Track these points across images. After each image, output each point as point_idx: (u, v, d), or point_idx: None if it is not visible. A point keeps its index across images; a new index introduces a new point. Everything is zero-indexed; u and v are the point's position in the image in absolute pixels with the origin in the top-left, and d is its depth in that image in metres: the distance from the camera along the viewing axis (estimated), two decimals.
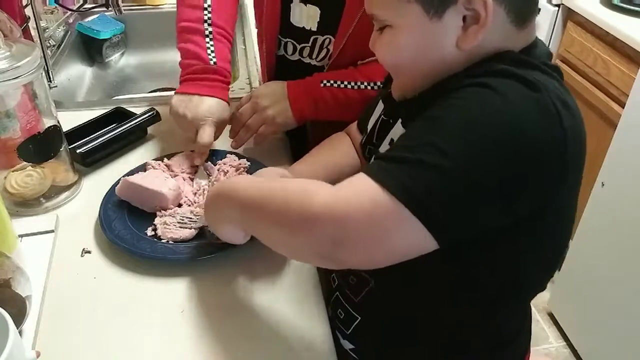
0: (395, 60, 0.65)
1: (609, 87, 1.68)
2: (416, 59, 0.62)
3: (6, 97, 0.83)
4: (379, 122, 0.76)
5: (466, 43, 0.59)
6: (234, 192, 0.68)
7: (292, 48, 1.05)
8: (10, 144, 0.86)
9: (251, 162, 0.97)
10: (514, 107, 0.53)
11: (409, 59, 0.63)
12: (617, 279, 1.51)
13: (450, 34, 0.59)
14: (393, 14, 0.61)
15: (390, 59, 0.65)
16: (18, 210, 0.89)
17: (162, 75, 1.66)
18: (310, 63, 1.05)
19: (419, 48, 0.61)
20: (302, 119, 0.99)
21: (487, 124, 0.53)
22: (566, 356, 1.78)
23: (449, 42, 0.59)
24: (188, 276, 0.79)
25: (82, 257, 0.82)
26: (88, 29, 1.64)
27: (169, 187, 0.87)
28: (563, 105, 0.56)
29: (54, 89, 1.36)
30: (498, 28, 0.58)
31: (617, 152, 1.51)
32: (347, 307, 0.77)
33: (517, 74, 0.55)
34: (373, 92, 0.96)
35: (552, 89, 0.56)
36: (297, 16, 1.00)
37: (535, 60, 0.60)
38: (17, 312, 0.64)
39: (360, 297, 0.74)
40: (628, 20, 1.65)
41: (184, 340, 0.70)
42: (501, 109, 0.53)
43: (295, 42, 1.04)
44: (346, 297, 0.77)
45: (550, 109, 0.54)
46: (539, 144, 0.54)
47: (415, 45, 0.61)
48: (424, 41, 0.60)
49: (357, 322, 0.76)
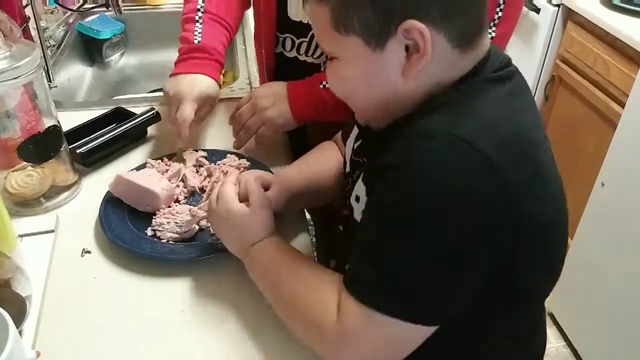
0: (344, 91, 0.67)
1: (609, 87, 1.68)
2: (365, 89, 0.63)
3: (6, 97, 0.83)
4: (352, 153, 0.77)
5: (410, 72, 0.59)
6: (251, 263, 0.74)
7: (291, 43, 1.05)
8: (10, 144, 0.86)
9: (251, 162, 0.97)
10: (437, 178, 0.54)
11: (358, 90, 0.64)
12: (617, 278, 1.51)
13: (394, 64, 0.60)
14: (336, 47, 0.62)
15: (340, 90, 0.67)
16: (18, 210, 0.89)
17: (162, 75, 1.64)
18: (307, 61, 1.05)
19: (366, 79, 0.62)
20: (302, 120, 0.99)
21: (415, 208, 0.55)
22: (566, 356, 1.77)
23: (394, 72, 0.60)
24: (188, 276, 0.79)
25: (82, 257, 0.82)
26: (88, 29, 1.64)
27: (162, 187, 0.87)
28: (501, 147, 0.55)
29: (54, 89, 1.36)
30: (441, 54, 0.59)
31: (617, 152, 1.51)
32: None
33: (436, 132, 0.56)
34: None
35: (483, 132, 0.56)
36: (294, 9, 1.00)
37: (483, 75, 0.61)
38: (17, 312, 0.64)
39: None
40: (628, 20, 1.65)
41: (184, 340, 0.70)
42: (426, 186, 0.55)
43: (293, 37, 1.04)
44: None
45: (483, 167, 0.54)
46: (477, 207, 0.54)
47: (362, 77, 0.62)
48: (369, 72, 0.61)
49: None
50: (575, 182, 1.78)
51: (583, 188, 1.67)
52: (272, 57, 1.08)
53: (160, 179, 0.89)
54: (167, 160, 0.97)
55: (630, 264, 1.46)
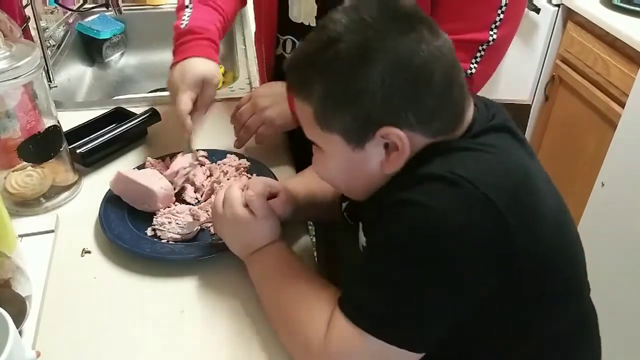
0: (327, 179, 0.72)
1: (609, 87, 1.68)
2: (346, 179, 0.69)
3: (6, 97, 0.83)
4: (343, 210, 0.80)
5: (389, 168, 0.63)
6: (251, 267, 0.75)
7: (292, 45, 1.05)
8: (10, 144, 0.86)
9: (251, 162, 0.97)
10: (436, 214, 0.56)
11: (340, 179, 0.70)
12: (617, 278, 1.51)
13: (374, 161, 0.63)
14: (319, 140, 0.66)
15: (324, 176, 0.71)
16: (18, 210, 0.89)
17: (162, 75, 1.64)
18: None
19: (346, 171, 0.67)
20: None
21: (417, 243, 0.57)
22: None
23: (373, 167, 0.64)
24: (188, 276, 0.79)
25: (82, 257, 0.82)
26: (88, 29, 1.64)
27: (160, 186, 0.86)
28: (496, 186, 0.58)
29: (54, 89, 1.36)
30: (420, 145, 0.62)
31: (617, 152, 1.51)
32: None
33: (434, 174, 0.58)
34: None
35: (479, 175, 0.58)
36: (296, 11, 1.00)
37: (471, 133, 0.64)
38: (17, 312, 0.64)
39: None
40: (628, 20, 1.65)
41: (184, 340, 0.70)
42: (426, 222, 0.57)
43: (294, 39, 1.04)
44: None
45: (485, 205, 0.56)
46: (473, 240, 0.56)
47: (343, 169, 0.67)
48: (350, 167, 0.65)
49: None
50: (575, 182, 1.78)
51: (583, 188, 1.67)
52: (273, 58, 1.08)
53: (160, 178, 0.88)
54: (169, 160, 0.97)
55: (630, 264, 1.46)
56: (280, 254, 0.75)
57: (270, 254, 0.75)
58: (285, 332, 0.68)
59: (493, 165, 0.61)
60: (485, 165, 0.60)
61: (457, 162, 0.60)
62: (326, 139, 0.64)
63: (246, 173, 0.95)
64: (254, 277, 0.75)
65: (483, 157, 0.61)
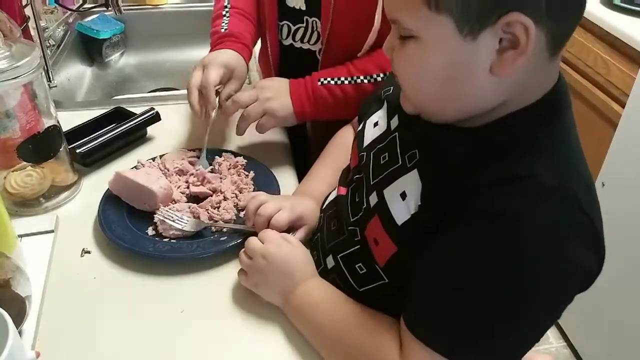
0: (418, 80, 0.57)
1: (609, 87, 1.68)
2: (442, 81, 0.55)
3: (6, 97, 0.83)
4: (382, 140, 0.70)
5: (502, 70, 0.51)
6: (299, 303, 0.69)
7: (287, 31, 1.05)
8: (10, 144, 0.86)
9: (247, 160, 0.97)
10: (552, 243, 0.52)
11: (434, 81, 0.55)
12: (617, 278, 1.51)
13: (484, 58, 0.51)
14: (421, 25, 0.52)
15: (413, 77, 0.58)
16: (18, 210, 0.89)
17: (162, 75, 1.65)
18: (302, 47, 1.05)
19: (447, 70, 0.54)
20: (302, 117, 0.99)
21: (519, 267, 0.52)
22: (566, 356, 1.77)
23: (482, 66, 0.52)
24: (188, 275, 0.79)
25: (82, 257, 0.82)
26: (88, 29, 1.63)
27: (159, 185, 0.86)
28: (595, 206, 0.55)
29: (53, 89, 1.36)
30: (535, 56, 0.51)
31: (617, 152, 1.51)
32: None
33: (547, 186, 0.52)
34: (369, 85, 0.96)
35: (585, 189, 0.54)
36: None
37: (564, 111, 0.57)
38: (17, 312, 0.64)
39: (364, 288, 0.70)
40: (628, 20, 1.65)
41: (184, 340, 0.70)
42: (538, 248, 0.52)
43: (290, 24, 1.05)
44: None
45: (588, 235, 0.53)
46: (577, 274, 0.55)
47: (444, 66, 0.54)
48: (454, 62, 0.53)
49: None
50: None
51: None
52: (277, 46, 1.09)
53: (158, 177, 0.88)
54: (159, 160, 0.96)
55: (630, 263, 1.46)
56: (326, 286, 0.70)
57: (317, 288, 0.70)
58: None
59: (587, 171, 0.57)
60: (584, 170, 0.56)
61: (563, 160, 0.54)
62: (430, 23, 0.51)
63: (244, 171, 0.95)
64: (301, 316, 0.69)
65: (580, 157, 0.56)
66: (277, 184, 0.92)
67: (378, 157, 0.69)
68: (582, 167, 0.57)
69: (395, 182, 0.63)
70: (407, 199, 0.60)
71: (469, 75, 0.53)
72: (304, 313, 0.69)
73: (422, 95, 0.59)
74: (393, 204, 0.62)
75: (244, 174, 0.94)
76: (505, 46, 0.51)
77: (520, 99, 0.55)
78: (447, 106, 0.58)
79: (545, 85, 0.57)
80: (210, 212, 0.86)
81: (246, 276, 0.73)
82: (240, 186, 0.91)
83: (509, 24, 0.49)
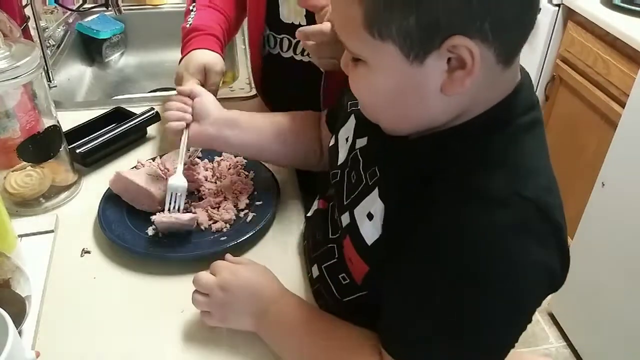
0: (370, 99, 0.59)
1: (609, 87, 1.68)
2: (393, 102, 0.56)
3: (6, 97, 0.83)
4: (355, 151, 0.70)
5: (452, 90, 0.52)
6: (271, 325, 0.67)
7: (288, 44, 1.05)
8: (10, 144, 0.86)
9: (247, 160, 0.97)
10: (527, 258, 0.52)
11: (385, 101, 0.56)
12: (617, 278, 1.51)
13: (434, 80, 0.52)
14: (367, 51, 0.53)
15: (366, 96, 0.59)
16: (18, 210, 0.89)
17: (162, 75, 1.66)
18: (303, 60, 1.05)
19: (398, 92, 0.54)
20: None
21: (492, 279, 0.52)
22: (566, 356, 1.77)
23: (432, 87, 0.52)
24: (188, 276, 0.78)
25: (82, 257, 0.82)
26: (88, 29, 1.64)
27: (159, 187, 0.86)
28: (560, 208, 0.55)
29: (53, 89, 1.36)
30: (485, 71, 0.51)
31: (617, 152, 1.51)
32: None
33: (522, 195, 0.52)
34: None
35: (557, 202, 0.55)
36: (286, 12, 1.00)
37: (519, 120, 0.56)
38: (17, 312, 0.64)
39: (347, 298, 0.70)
40: (628, 20, 1.65)
41: (184, 340, 0.70)
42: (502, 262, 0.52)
43: (290, 38, 1.04)
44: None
45: (554, 239, 0.53)
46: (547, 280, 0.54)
47: (392, 89, 0.54)
48: (402, 86, 0.53)
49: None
50: (575, 182, 1.78)
51: (583, 188, 1.67)
52: (259, 58, 1.09)
53: (158, 179, 0.88)
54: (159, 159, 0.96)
55: (630, 263, 1.46)
56: (299, 304, 0.68)
57: (290, 306, 0.68)
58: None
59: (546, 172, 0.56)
60: (552, 180, 0.56)
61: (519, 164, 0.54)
62: (377, 49, 0.51)
63: (243, 171, 0.95)
64: (276, 336, 0.67)
65: (547, 165, 0.56)
66: (276, 184, 0.92)
67: (350, 175, 0.70)
68: (541, 169, 0.56)
69: (362, 202, 0.64)
70: (374, 219, 0.61)
71: (420, 97, 0.54)
72: (280, 335, 0.67)
73: (377, 114, 0.60)
74: (362, 224, 0.63)
75: (244, 174, 0.94)
76: (455, 65, 0.51)
77: (475, 110, 0.56)
78: (401, 124, 0.59)
79: (502, 92, 0.56)
80: (210, 212, 0.86)
81: (210, 315, 0.69)
82: (240, 186, 0.91)
83: (454, 47, 0.49)
